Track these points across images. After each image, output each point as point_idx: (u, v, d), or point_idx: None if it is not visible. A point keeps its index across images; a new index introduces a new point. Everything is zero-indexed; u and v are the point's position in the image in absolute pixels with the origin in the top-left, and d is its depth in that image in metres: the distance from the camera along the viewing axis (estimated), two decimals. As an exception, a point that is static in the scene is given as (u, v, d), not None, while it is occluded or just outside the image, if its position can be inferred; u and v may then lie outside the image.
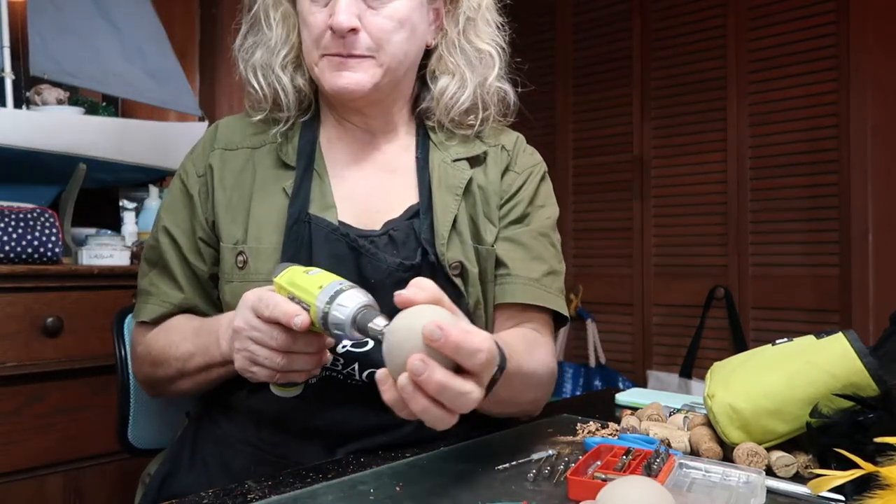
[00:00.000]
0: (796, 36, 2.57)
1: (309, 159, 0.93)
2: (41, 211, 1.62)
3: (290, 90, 0.94)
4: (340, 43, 0.86)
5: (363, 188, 0.95)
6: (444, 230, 0.90)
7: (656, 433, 0.83)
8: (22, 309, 1.54)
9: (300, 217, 0.89)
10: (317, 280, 0.69)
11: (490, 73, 0.97)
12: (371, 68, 0.88)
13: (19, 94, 1.86)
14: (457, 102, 0.95)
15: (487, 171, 0.98)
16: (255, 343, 0.72)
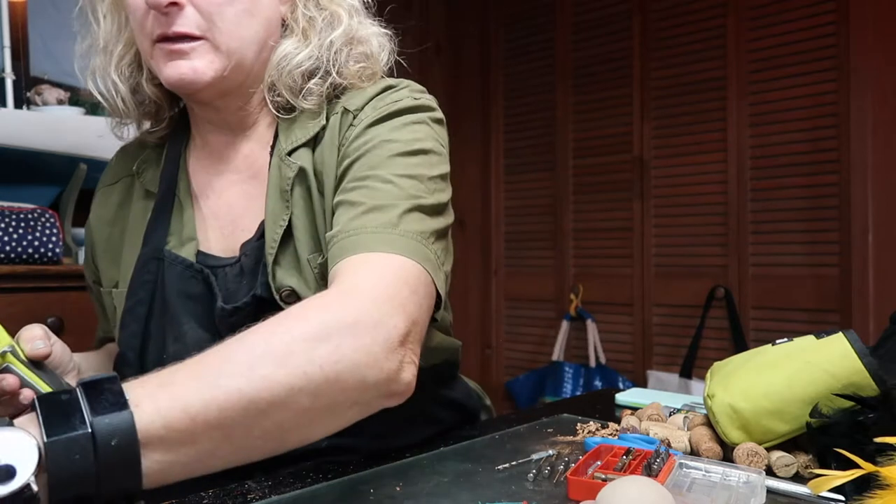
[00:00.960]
0: (796, 36, 2.57)
1: (169, 184, 0.82)
2: (42, 211, 1.62)
3: (128, 98, 0.82)
4: (164, 21, 0.72)
5: (226, 205, 0.82)
6: (270, 252, 0.76)
7: (656, 433, 0.83)
8: (22, 309, 1.54)
9: (154, 255, 0.80)
10: None
11: (334, 31, 0.80)
12: (207, 53, 0.74)
13: (20, 95, 1.86)
14: (290, 63, 0.79)
15: (324, 148, 0.78)
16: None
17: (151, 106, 0.84)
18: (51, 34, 1.88)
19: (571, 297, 3.11)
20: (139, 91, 0.82)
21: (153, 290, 0.79)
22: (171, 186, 0.82)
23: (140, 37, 0.76)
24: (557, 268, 3.21)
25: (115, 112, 0.84)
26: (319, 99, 0.80)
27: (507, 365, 3.39)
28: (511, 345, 3.39)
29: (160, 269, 0.79)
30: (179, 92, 0.78)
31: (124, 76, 0.81)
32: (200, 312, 0.80)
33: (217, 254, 0.81)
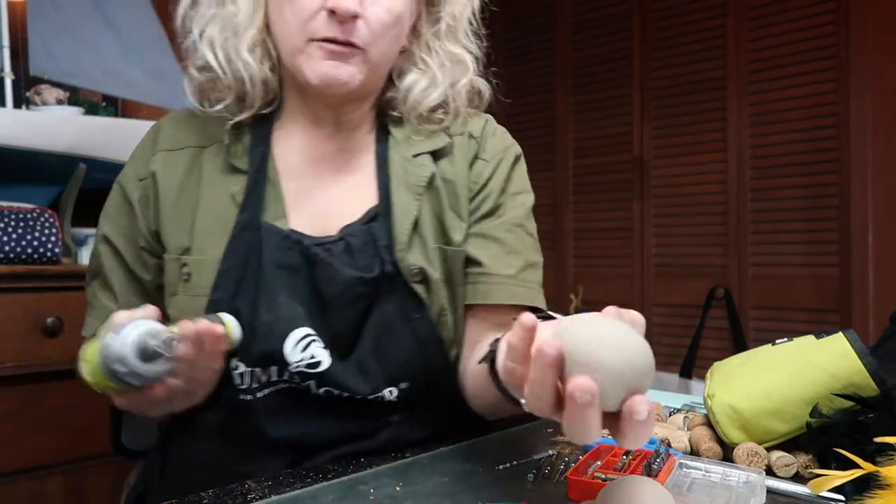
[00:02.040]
0: (796, 36, 2.57)
1: (261, 162, 0.86)
2: (41, 211, 1.62)
3: (257, 80, 0.85)
4: (339, 28, 0.78)
5: (319, 191, 0.88)
6: (403, 235, 0.84)
7: (656, 433, 0.83)
8: (22, 309, 1.54)
9: (250, 224, 0.82)
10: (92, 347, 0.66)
11: (462, 78, 0.92)
12: (360, 63, 0.81)
13: (19, 94, 1.86)
14: (424, 100, 0.89)
15: (454, 161, 0.90)
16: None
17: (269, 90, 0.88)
18: (50, 34, 1.88)
19: (571, 298, 3.11)
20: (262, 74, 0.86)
21: (247, 258, 0.82)
22: (263, 166, 0.86)
23: (294, 32, 0.79)
24: (557, 268, 3.21)
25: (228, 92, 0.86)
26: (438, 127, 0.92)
27: (507, 365, 3.39)
28: (511, 345, 3.39)
29: (255, 239, 0.82)
30: (321, 90, 0.82)
31: (255, 57, 0.84)
32: (300, 285, 0.82)
33: (308, 233, 0.84)
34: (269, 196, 0.85)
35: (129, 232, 0.88)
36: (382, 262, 0.83)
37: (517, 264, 0.89)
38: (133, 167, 0.91)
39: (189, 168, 0.87)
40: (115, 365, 0.63)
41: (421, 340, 0.84)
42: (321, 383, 0.82)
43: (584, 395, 0.45)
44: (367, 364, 0.82)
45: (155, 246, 0.87)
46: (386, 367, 0.83)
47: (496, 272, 0.87)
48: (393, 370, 0.83)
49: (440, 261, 0.86)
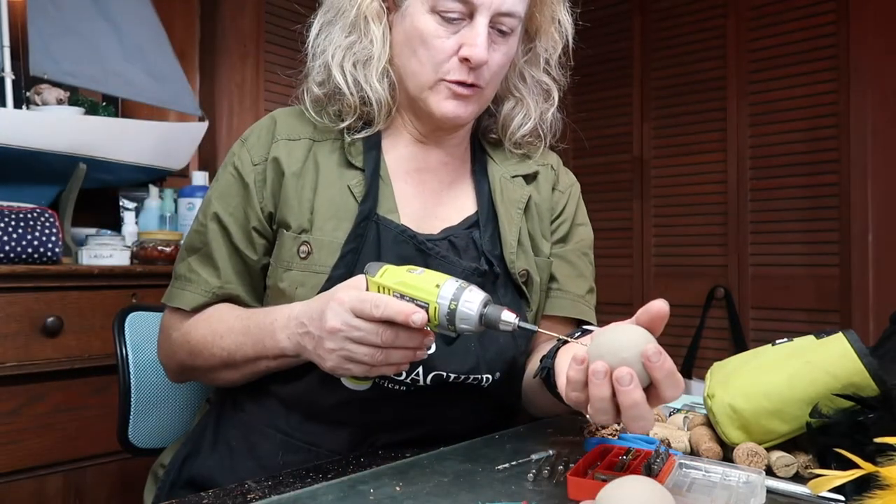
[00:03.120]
0: (796, 36, 2.57)
1: (375, 164, 0.95)
2: (41, 211, 1.62)
3: (384, 104, 0.95)
4: (469, 74, 0.88)
5: (423, 196, 0.97)
6: (512, 240, 0.95)
7: (656, 433, 0.83)
8: (22, 309, 1.54)
9: (369, 216, 0.90)
10: (430, 279, 0.72)
11: (550, 108, 1.03)
12: (478, 100, 0.92)
13: (19, 94, 1.86)
14: (520, 128, 1.01)
15: (540, 188, 1.03)
16: (355, 342, 0.73)
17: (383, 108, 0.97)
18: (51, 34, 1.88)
19: (571, 297, 3.11)
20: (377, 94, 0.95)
21: (363, 244, 0.89)
22: (377, 166, 0.95)
23: (427, 70, 0.90)
24: (557, 268, 3.21)
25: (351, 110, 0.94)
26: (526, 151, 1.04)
27: (507, 365, 3.39)
28: (511, 345, 3.39)
29: (372, 229, 0.90)
30: (441, 123, 0.93)
31: (384, 84, 0.94)
32: None
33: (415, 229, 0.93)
34: (383, 193, 0.94)
35: (240, 212, 0.94)
36: (490, 262, 0.92)
37: (584, 287, 1.02)
38: (248, 151, 0.96)
39: (306, 157, 0.95)
40: (460, 324, 0.70)
41: (517, 335, 0.89)
42: (429, 369, 0.86)
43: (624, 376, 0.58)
44: (471, 349, 0.89)
45: (267, 227, 0.94)
46: (486, 354, 0.89)
47: (569, 290, 1.01)
48: (492, 357, 0.90)
49: (538, 267, 0.98)
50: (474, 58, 0.86)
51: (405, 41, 0.91)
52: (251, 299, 0.95)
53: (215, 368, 0.91)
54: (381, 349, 0.73)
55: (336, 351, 0.75)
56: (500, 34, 0.90)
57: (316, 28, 0.97)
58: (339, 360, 0.75)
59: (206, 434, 0.95)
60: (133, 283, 1.71)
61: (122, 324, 1.16)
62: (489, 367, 0.89)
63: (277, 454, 0.88)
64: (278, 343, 0.82)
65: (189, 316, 0.95)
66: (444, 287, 0.70)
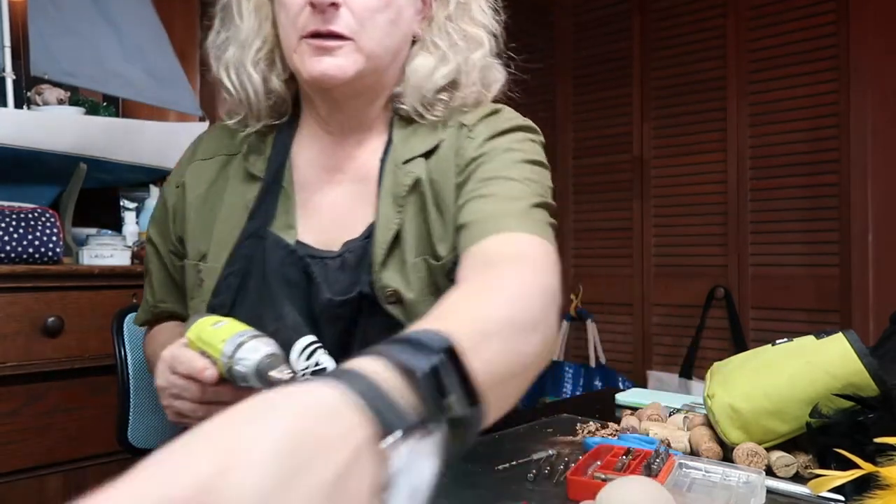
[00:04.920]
0: (796, 36, 2.57)
1: (277, 171, 0.87)
2: (42, 211, 1.62)
3: (261, 91, 0.86)
4: (320, 19, 0.77)
5: (329, 203, 0.87)
6: (379, 254, 0.81)
7: (656, 433, 0.83)
8: (22, 309, 1.54)
9: (256, 233, 0.83)
10: (221, 333, 0.69)
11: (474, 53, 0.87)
12: (352, 53, 0.79)
13: (20, 94, 1.86)
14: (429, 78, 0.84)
15: (440, 159, 0.84)
16: (177, 399, 0.72)
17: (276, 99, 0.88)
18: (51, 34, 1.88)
19: (571, 298, 3.11)
20: (268, 84, 0.87)
21: (250, 265, 0.83)
22: (279, 175, 0.86)
23: (288, 31, 0.80)
24: (557, 268, 3.21)
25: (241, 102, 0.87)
26: (445, 113, 0.86)
27: (507, 365, 3.39)
28: (511, 345, 3.39)
29: (260, 246, 0.83)
30: (317, 86, 0.81)
31: (259, 69, 0.85)
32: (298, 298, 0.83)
33: (314, 245, 0.85)
34: (281, 206, 0.86)
35: (165, 235, 0.94)
36: (353, 283, 0.82)
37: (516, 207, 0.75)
38: (173, 175, 0.95)
39: (216, 176, 0.90)
40: (240, 382, 0.68)
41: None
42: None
43: None
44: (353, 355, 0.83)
45: (180, 250, 0.92)
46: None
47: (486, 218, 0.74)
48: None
49: (422, 274, 0.81)
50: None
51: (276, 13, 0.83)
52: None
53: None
54: (201, 405, 0.71)
55: (168, 407, 0.73)
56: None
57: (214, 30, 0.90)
58: (174, 416, 0.74)
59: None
60: (133, 283, 1.71)
61: (121, 324, 1.16)
62: None
63: None
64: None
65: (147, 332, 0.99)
66: (226, 343, 0.67)
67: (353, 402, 0.33)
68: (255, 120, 0.88)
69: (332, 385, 0.34)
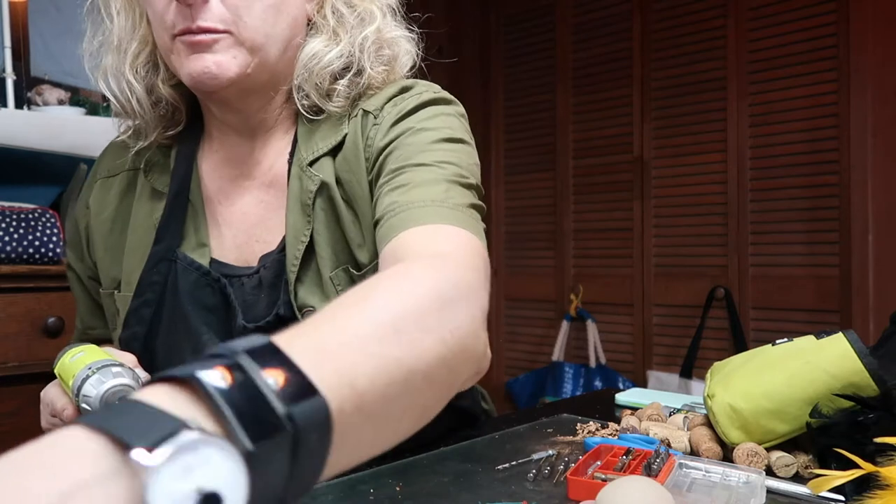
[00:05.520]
0: (796, 36, 2.57)
1: (182, 184, 0.78)
2: (42, 211, 1.62)
3: (145, 100, 0.77)
4: (188, 14, 0.68)
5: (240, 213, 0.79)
6: (292, 269, 0.73)
7: (656, 433, 0.83)
8: (23, 309, 1.54)
9: (165, 256, 0.76)
10: (74, 367, 0.64)
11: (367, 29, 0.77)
12: (231, 48, 0.70)
13: (20, 95, 1.86)
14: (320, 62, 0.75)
15: (347, 153, 0.76)
16: None
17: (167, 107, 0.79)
18: (51, 34, 1.88)
19: (572, 298, 3.11)
20: (154, 91, 0.78)
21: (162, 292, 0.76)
22: (184, 188, 0.78)
23: (159, 31, 0.72)
24: (557, 268, 3.21)
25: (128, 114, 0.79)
26: (346, 101, 0.77)
27: (508, 365, 3.39)
28: (511, 345, 3.39)
29: (171, 270, 0.76)
30: (201, 88, 0.72)
31: (140, 76, 0.77)
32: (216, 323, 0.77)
33: (230, 262, 0.77)
34: (190, 223, 0.78)
35: (83, 259, 0.88)
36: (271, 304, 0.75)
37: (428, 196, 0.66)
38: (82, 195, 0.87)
39: (123, 194, 0.82)
40: (86, 407, 0.63)
41: None
42: None
43: None
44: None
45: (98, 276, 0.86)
46: None
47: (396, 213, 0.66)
48: None
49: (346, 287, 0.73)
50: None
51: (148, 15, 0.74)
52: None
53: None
54: None
55: None
56: None
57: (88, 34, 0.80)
58: None
59: None
60: (133, 284, 1.71)
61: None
62: None
63: None
64: None
65: None
66: (74, 380, 0.62)
67: (86, 426, 0.30)
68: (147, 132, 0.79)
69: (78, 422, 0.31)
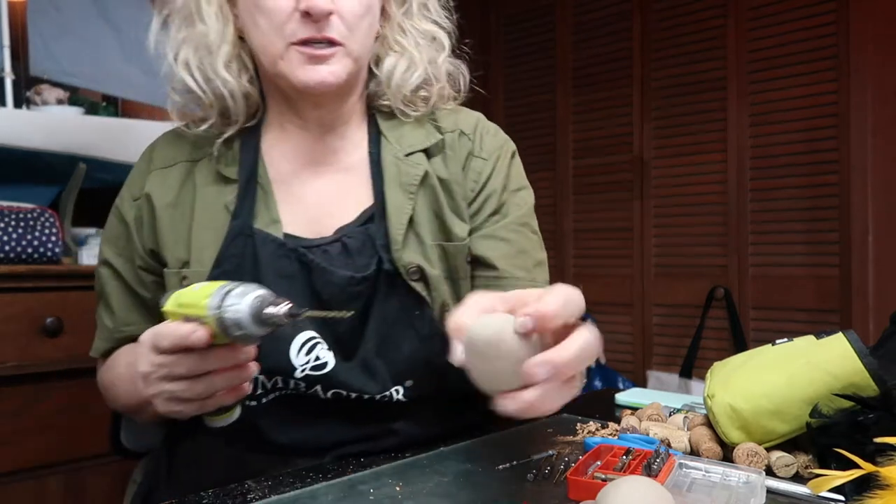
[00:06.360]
0: (796, 36, 2.57)
1: (251, 170, 0.86)
2: (41, 211, 1.62)
3: (238, 96, 0.86)
4: (314, 27, 0.78)
5: (313, 193, 0.88)
6: (398, 234, 0.84)
7: (656, 433, 0.83)
8: (22, 309, 1.54)
9: (242, 231, 0.83)
10: (202, 291, 0.65)
11: (439, 55, 0.92)
12: (343, 58, 0.81)
13: (20, 94, 1.86)
14: (406, 81, 0.89)
15: (447, 161, 0.90)
16: (168, 380, 0.66)
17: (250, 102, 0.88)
18: (50, 34, 1.88)
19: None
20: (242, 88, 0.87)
21: (239, 264, 0.82)
22: (253, 174, 0.86)
23: (273, 38, 0.80)
24: (557, 268, 3.21)
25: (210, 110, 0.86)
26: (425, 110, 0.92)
27: (507, 365, 3.39)
28: (511, 345, 3.39)
29: (249, 245, 0.82)
30: (310, 93, 0.82)
31: (233, 73, 0.85)
32: (296, 290, 0.81)
33: (302, 235, 0.85)
34: (261, 203, 0.85)
35: (126, 252, 0.90)
36: (380, 261, 0.83)
37: (528, 264, 0.90)
38: (128, 189, 0.92)
39: (182, 183, 0.88)
40: (234, 331, 0.63)
41: (423, 337, 0.84)
42: (328, 386, 0.82)
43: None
44: (372, 363, 0.83)
45: (152, 264, 0.89)
46: (390, 366, 0.83)
47: (510, 274, 0.88)
48: (398, 368, 0.83)
49: (440, 258, 0.86)
50: (314, 8, 0.76)
51: (247, 15, 0.82)
52: None
53: (127, 412, 0.89)
54: (196, 380, 0.66)
55: (158, 395, 0.68)
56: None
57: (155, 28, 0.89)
58: (165, 403, 0.68)
59: (160, 471, 0.93)
60: (133, 283, 1.71)
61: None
62: (396, 379, 0.83)
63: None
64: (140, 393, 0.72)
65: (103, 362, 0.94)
66: (211, 298, 0.63)
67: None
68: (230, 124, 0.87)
69: None
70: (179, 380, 0.66)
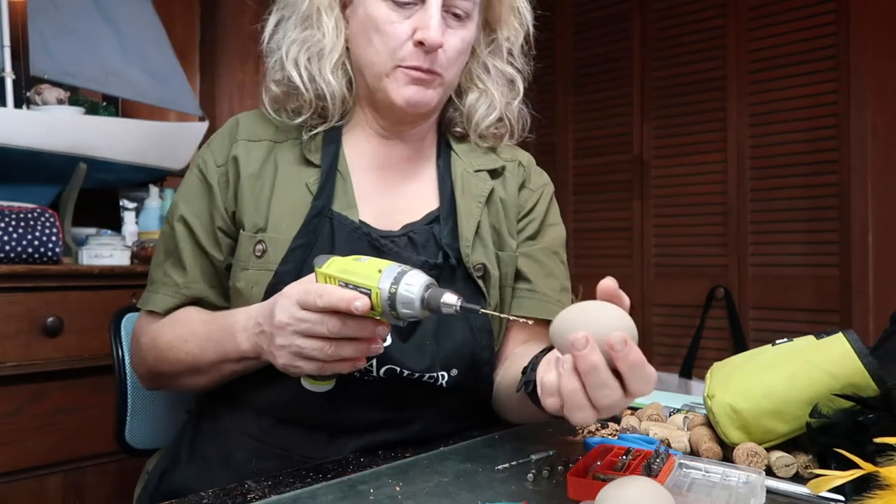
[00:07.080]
0: (796, 36, 2.57)
1: (333, 159, 0.94)
2: (41, 211, 1.62)
3: (338, 97, 0.94)
4: (425, 58, 0.88)
5: (384, 191, 0.97)
6: (468, 233, 0.93)
7: (656, 433, 0.83)
8: (22, 309, 1.54)
9: (322, 212, 0.90)
10: (373, 265, 0.70)
11: (515, 99, 1.04)
12: (439, 87, 0.91)
13: (20, 94, 1.86)
14: (486, 118, 1.00)
15: (506, 184, 1.02)
16: (304, 336, 0.72)
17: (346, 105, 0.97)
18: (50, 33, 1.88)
19: (572, 298, 3.11)
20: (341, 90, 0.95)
21: (314, 240, 0.89)
22: (335, 162, 0.94)
23: (384, 58, 0.89)
24: (557, 268, 3.21)
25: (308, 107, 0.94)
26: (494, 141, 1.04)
27: (507, 365, 3.39)
28: (511, 345, 3.39)
29: (326, 224, 0.90)
30: (405, 110, 0.91)
31: (337, 78, 0.94)
32: None
33: (373, 225, 0.92)
34: (340, 189, 0.93)
35: (205, 213, 0.95)
36: (447, 255, 0.91)
37: (556, 286, 1.01)
38: (211, 153, 0.97)
39: (265, 158, 0.95)
40: (402, 308, 0.68)
41: (475, 330, 0.91)
42: (383, 362, 0.85)
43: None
44: (426, 346, 0.88)
45: (231, 226, 0.94)
46: (442, 351, 0.88)
47: (542, 291, 0.98)
48: (447, 354, 0.88)
49: (496, 263, 0.96)
50: (428, 40, 0.86)
51: (360, 31, 0.91)
52: (218, 301, 0.94)
53: (182, 374, 0.91)
54: (330, 342, 0.71)
55: (286, 347, 0.73)
56: (455, 18, 0.90)
57: (271, 24, 0.96)
58: (290, 357, 0.73)
59: (184, 447, 0.95)
60: (133, 283, 1.71)
61: (119, 324, 1.16)
62: (444, 364, 0.88)
63: (251, 462, 0.87)
64: (238, 345, 0.81)
65: (159, 319, 0.95)
66: (385, 272, 0.68)
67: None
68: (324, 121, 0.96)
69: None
70: (315, 338, 0.71)
